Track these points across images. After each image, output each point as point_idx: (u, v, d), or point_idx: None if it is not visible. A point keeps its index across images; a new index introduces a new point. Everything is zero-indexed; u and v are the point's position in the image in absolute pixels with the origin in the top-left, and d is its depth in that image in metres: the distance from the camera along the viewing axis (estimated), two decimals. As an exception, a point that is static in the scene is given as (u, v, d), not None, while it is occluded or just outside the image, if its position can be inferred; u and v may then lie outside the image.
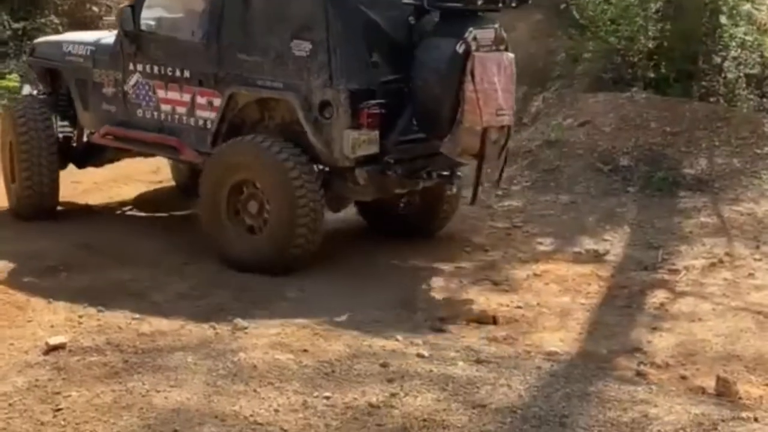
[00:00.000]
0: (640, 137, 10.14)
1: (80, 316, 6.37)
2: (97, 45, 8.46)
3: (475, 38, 6.86)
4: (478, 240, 8.36)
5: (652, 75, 11.45)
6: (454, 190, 7.80)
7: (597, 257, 7.97)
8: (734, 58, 11.56)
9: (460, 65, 6.83)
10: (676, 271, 7.63)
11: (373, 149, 7.08)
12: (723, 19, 11.69)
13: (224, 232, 7.40)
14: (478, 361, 5.66)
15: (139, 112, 8.06)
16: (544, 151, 10.26)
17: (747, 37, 11.49)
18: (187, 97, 7.75)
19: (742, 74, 11.42)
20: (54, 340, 5.82)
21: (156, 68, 7.90)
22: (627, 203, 9.25)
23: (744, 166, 9.79)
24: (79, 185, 9.55)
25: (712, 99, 11.24)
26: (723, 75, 11.54)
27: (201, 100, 7.66)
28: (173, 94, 7.82)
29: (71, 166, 8.86)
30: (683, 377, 5.80)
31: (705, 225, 8.66)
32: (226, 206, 7.37)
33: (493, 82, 6.86)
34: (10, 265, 7.39)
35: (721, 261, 7.80)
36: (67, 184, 9.31)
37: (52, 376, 5.36)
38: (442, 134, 7.04)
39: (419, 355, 5.71)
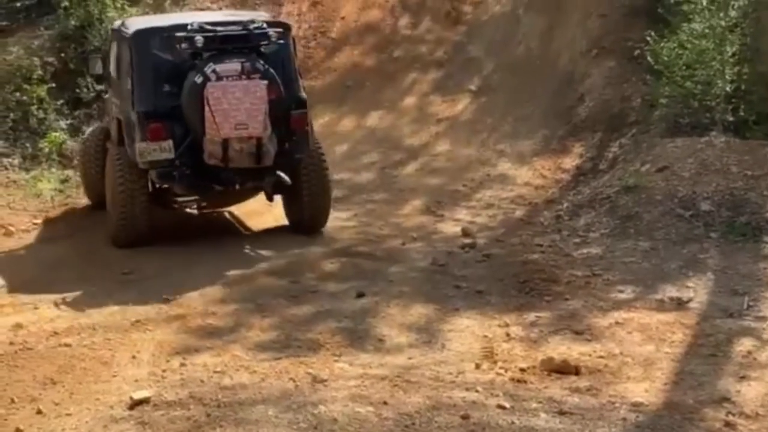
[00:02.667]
0: (720, 182, 9.95)
1: (163, 371, 6.46)
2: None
3: (214, 71, 8.79)
4: (557, 288, 8.26)
5: (730, 119, 11.26)
6: (269, 181, 9.26)
7: (680, 305, 7.81)
8: (814, 100, 11.30)
9: (199, 92, 8.77)
10: (762, 318, 7.43)
11: (166, 156, 9.02)
12: (803, 61, 11.49)
13: (108, 214, 9.64)
14: (561, 413, 5.57)
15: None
16: (623, 197, 10.13)
17: (828, 78, 11.26)
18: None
19: (823, 115, 11.17)
20: (138, 395, 5.91)
21: (113, 100, 10.22)
22: (709, 249, 9.06)
23: (830, 209, 9.52)
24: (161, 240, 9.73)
25: (794, 141, 11.00)
26: (804, 117, 11.28)
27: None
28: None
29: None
30: (774, 427, 5.63)
31: (791, 270, 8.43)
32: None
33: (233, 104, 8.68)
34: (95, 321, 7.54)
35: (809, 307, 7.58)
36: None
37: (137, 430, 5.44)
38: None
39: (500, 407, 5.64)
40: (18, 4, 14.84)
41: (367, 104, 13.58)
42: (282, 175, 9.16)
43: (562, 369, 6.53)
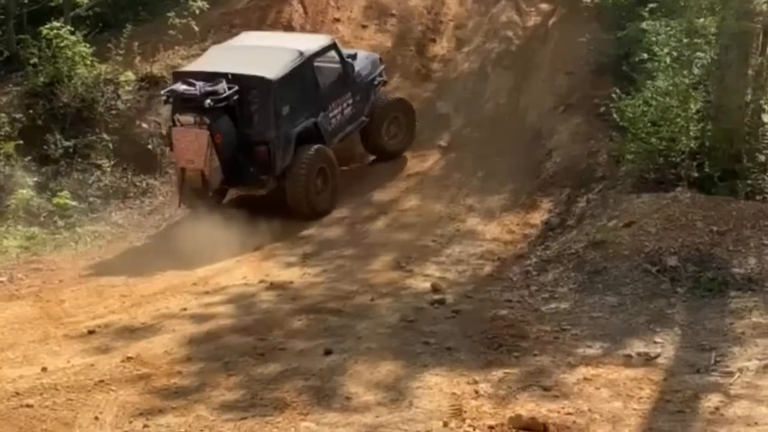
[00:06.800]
0: (686, 237, 10.02)
1: (126, 432, 6.36)
2: None
3: (178, 119, 11.75)
4: (526, 344, 8.25)
5: (695, 175, 11.37)
6: (267, 187, 12.20)
7: (648, 360, 7.82)
8: (778, 156, 11.45)
9: (170, 133, 11.97)
10: (730, 374, 7.45)
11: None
12: (765, 118, 11.65)
13: None
14: (529, 472, 5.53)
15: None
16: (590, 252, 10.18)
17: (791, 136, 11.43)
18: None
19: (788, 172, 11.31)
20: (99, 457, 5.80)
21: None
22: (676, 304, 9.10)
23: (795, 263, 9.60)
24: (127, 299, 9.65)
25: (758, 197, 11.12)
26: (768, 173, 11.43)
27: None
28: None
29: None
30: (742, 485, 5.62)
31: (757, 325, 8.47)
32: None
33: (186, 145, 11.65)
34: (57, 381, 7.43)
35: (775, 362, 7.62)
36: (116, 298, 9.45)
37: (97, 493, 5.33)
38: None
39: (468, 466, 5.59)
40: (-14, 61, 14.86)
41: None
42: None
43: (531, 426, 6.51)
